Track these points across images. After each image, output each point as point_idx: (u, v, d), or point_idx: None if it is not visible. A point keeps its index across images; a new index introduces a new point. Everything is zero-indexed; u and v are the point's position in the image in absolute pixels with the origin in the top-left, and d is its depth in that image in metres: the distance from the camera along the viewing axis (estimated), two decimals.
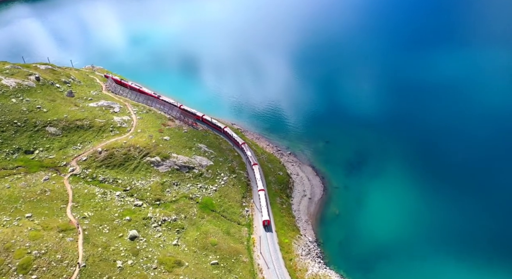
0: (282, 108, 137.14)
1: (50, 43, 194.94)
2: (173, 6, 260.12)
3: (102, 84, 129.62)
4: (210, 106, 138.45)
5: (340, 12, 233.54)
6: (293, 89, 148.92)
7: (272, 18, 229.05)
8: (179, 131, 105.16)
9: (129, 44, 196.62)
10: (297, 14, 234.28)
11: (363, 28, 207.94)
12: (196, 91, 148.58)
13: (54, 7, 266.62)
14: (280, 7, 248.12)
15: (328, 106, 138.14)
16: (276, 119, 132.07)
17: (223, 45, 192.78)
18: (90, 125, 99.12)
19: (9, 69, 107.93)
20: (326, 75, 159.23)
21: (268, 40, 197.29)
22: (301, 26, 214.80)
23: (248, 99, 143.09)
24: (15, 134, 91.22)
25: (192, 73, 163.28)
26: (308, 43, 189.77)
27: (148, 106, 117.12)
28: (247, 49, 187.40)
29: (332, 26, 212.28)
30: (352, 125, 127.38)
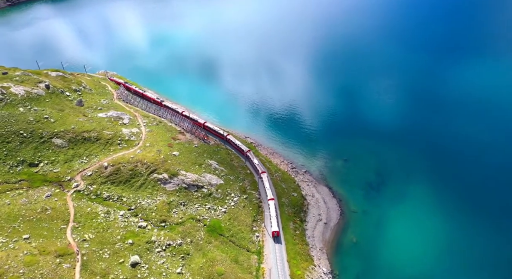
0: (299, 121, 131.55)
1: (66, 47, 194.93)
2: (192, 9, 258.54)
3: (113, 91, 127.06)
4: (224, 117, 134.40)
5: (363, 17, 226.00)
6: (310, 100, 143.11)
7: (291, 23, 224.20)
8: (189, 145, 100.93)
9: (145, 48, 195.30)
10: (315, 19, 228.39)
11: (386, 34, 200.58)
12: (210, 100, 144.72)
13: (74, 8, 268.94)
14: (300, 12, 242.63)
15: (347, 120, 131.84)
16: (292, 132, 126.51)
17: (241, 50, 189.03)
18: (97, 138, 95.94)
19: (19, 76, 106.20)
20: (346, 85, 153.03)
21: (286, 45, 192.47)
22: (320, 31, 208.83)
23: (263, 110, 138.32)
24: (20, 146, 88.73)
25: (207, 81, 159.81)
26: (327, 50, 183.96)
27: (158, 117, 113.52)
28: (265, 55, 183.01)
29: (353, 32, 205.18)
30: (373, 142, 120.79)
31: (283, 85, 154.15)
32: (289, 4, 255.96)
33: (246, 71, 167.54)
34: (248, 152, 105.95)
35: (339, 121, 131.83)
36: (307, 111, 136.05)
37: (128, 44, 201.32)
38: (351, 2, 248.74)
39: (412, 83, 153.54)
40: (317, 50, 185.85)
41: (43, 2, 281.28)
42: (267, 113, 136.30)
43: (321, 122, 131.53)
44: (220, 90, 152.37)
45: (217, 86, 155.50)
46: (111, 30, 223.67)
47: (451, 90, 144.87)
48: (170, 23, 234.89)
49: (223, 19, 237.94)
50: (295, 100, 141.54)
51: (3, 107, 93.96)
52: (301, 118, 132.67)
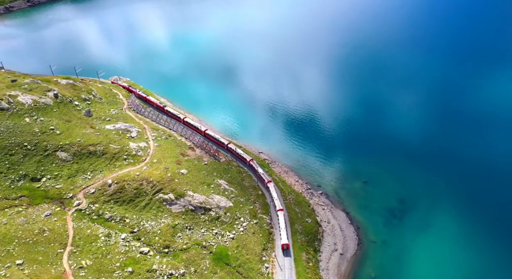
0: (316, 136, 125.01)
1: (81, 50, 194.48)
2: (211, 12, 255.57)
3: (124, 100, 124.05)
4: (237, 130, 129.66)
5: (388, 24, 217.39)
6: (328, 114, 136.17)
7: (312, 28, 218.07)
8: (198, 163, 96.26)
9: (161, 53, 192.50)
10: (338, 26, 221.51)
11: (413, 42, 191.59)
12: (224, 111, 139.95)
13: (91, 9, 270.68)
14: (322, 18, 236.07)
15: (368, 137, 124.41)
16: (308, 149, 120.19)
17: (258, 56, 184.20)
18: (103, 152, 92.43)
19: (28, 84, 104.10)
20: (367, 98, 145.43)
21: (306, 52, 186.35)
22: (342, 38, 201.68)
23: (278, 122, 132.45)
24: (23, 159, 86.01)
25: (222, 89, 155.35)
26: (349, 58, 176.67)
27: (168, 129, 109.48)
28: (283, 63, 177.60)
29: (378, 40, 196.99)
30: (395, 162, 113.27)
31: (300, 96, 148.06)
32: (311, 10, 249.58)
33: (263, 79, 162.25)
34: (251, 161, 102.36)
35: (358, 138, 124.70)
36: (324, 125, 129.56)
37: (144, 48, 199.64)
38: (376, 10, 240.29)
39: (440, 98, 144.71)
40: (338, 59, 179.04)
41: (62, 3, 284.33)
42: (282, 126, 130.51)
43: (339, 138, 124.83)
44: (235, 99, 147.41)
45: (232, 95, 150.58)
46: (128, 33, 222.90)
47: (484, 106, 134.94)
48: (188, 26, 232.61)
49: (242, 22, 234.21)
50: (312, 114, 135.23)
51: (9, 117, 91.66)
52: (318, 133, 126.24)
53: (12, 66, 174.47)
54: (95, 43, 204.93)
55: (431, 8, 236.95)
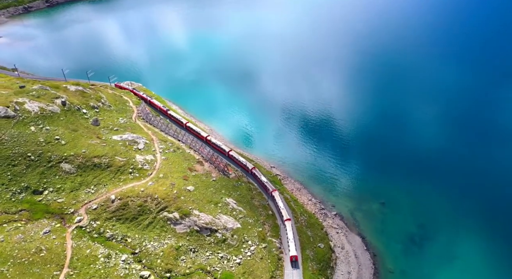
0: (331, 152, 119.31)
1: (95, 52, 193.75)
2: (228, 15, 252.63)
3: (134, 108, 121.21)
4: (249, 141, 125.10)
5: (412, 31, 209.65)
6: (345, 128, 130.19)
7: (333, 33, 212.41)
8: (206, 179, 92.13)
9: (175, 57, 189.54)
10: (359, 32, 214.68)
11: (438, 51, 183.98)
12: (236, 121, 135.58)
13: (108, 11, 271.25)
14: (343, 23, 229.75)
15: (387, 154, 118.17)
16: (323, 165, 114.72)
17: (274, 61, 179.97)
18: (108, 164, 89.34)
19: (36, 91, 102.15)
20: (387, 111, 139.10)
21: (324, 59, 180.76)
22: (363, 45, 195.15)
23: (293, 137, 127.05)
24: (26, 170, 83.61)
25: (235, 97, 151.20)
26: (368, 67, 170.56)
27: (177, 141, 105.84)
28: (300, 69, 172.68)
29: (400, 48, 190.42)
30: (416, 183, 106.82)
31: (316, 106, 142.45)
32: (331, 14, 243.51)
33: (278, 86, 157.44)
34: (254, 169, 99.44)
35: (377, 154, 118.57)
36: (341, 139, 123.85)
37: (159, 51, 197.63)
38: (401, 15, 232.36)
39: (467, 112, 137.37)
40: (356, 66, 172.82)
41: (80, 4, 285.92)
42: (296, 139, 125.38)
43: (356, 153, 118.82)
44: (249, 108, 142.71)
45: (247, 103, 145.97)
46: (143, 36, 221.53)
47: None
48: (204, 29, 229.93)
49: (259, 26, 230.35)
50: (328, 127, 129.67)
51: (14, 125, 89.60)
52: (334, 148, 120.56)
53: (27, 68, 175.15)
54: (109, 46, 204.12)
55: (459, 15, 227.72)
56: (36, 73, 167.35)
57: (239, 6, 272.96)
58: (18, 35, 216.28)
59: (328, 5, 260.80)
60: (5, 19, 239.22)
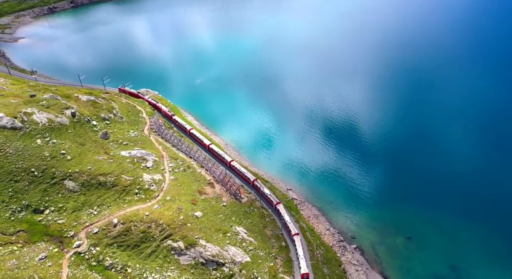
0: (353, 175, 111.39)
1: (113, 56, 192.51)
2: (253, 20, 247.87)
3: (147, 119, 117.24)
4: (266, 159, 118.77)
5: (448, 41, 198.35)
6: (369, 149, 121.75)
7: (363, 43, 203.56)
8: (216, 203, 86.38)
9: (196, 64, 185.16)
10: (391, 41, 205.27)
11: (477, 63, 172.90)
12: (255, 136, 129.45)
13: (132, 13, 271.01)
14: (372, 30, 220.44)
15: (416, 180, 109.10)
16: (344, 190, 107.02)
17: (298, 70, 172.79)
18: (114, 183, 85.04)
19: (47, 100, 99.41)
20: (417, 130, 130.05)
21: (350, 70, 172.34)
22: (395, 57, 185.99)
23: (312, 155, 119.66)
24: (28, 186, 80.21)
25: (254, 108, 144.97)
26: (400, 82, 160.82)
27: (188, 159, 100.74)
28: (324, 80, 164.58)
29: (434, 59, 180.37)
30: (448, 215, 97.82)
31: (340, 125, 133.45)
32: (363, 23, 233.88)
33: (300, 100, 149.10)
34: (256, 181, 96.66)
35: (403, 180, 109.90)
36: (364, 163, 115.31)
37: (178, 57, 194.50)
38: (437, 27, 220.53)
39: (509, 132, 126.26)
40: (384, 80, 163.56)
41: (104, 5, 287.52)
42: (316, 159, 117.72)
43: (381, 178, 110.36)
44: (268, 122, 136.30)
45: (266, 116, 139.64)
46: (163, 40, 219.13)
47: None
48: (227, 33, 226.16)
49: (284, 31, 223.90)
50: (351, 148, 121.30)
51: (20, 137, 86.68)
52: (356, 172, 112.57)
53: (46, 71, 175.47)
54: (129, 49, 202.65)
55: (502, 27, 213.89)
56: (53, 77, 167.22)
57: (265, 11, 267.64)
58: (41, 36, 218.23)
59: (359, 12, 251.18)
60: (30, 19, 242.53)
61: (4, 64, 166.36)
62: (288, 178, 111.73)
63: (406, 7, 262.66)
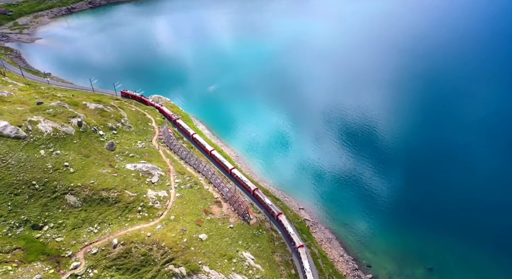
0: (371, 196, 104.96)
1: (127, 61, 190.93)
2: (277, 23, 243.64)
3: (156, 129, 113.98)
4: (279, 173, 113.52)
5: (483, 53, 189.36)
6: (391, 171, 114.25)
7: (385, 50, 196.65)
8: (223, 225, 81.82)
9: (212, 69, 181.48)
10: (418, 48, 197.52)
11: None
12: (268, 148, 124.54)
13: (149, 14, 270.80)
14: (400, 37, 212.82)
15: (440, 206, 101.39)
16: (361, 211, 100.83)
17: (319, 78, 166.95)
18: (116, 199, 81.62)
19: (54, 108, 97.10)
20: (442, 148, 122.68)
21: (373, 80, 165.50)
22: (420, 66, 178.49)
23: (329, 173, 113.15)
24: (28, 200, 77.53)
25: (270, 117, 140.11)
26: (424, 93, 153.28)
27: (196, 174, 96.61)
28: (345, 90, 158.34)
29: (461, 65, 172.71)
30: (475, 246, 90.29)
31: (359, 141, 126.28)
32: (389, 29, 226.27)
33: (319, 111, 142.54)
34: (256, 190, 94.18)
35: (425, 205, 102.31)
36: (384, 183, 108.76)
37: (193, 61, 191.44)
38: (469, 35, 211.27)
39: None
40: (410, 93, 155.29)
41: (122, 6, 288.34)
42: (331, 177, 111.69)
43: (401, 202, 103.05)
44: (281, 133, 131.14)
45: (282, 126, 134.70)
46: (180, 44, 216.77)
47: None
48: (246, 37, 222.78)
49: (306, 35, 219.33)
50: (371, 167, 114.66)
51: (23, 147, 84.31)
52: (375, 192, 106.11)
53: (60, 73, 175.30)
54: (143, 52, 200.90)
55: None
56: (67, 80, 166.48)
57: (285, 14, 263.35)
58: (57, 37, 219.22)
59: (384, 18, 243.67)
60: (48, 20, 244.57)
61: (19, 66, 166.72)
62: (301, 196, 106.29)
63: (434, 14, 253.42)
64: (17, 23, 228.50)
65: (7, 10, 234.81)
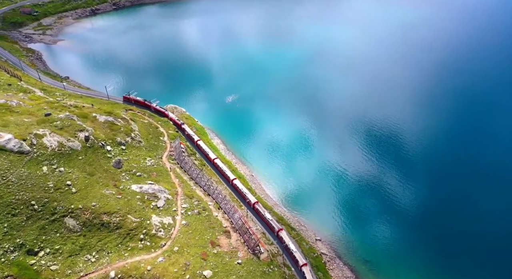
0: (398, 230, 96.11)
1: (145, 66, 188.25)
2: (302, 28, 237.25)
3: (168, 144, 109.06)
4: (297, 199, 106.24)
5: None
6: (422, 198, 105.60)
7: (413, 55, 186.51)
8: (230, 260, 75.38)
9: (234, 77, 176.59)
10: (446, 53, 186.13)
11: None
12: (286, 166, 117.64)
13: (176, 17, 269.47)
14: (444, 48, 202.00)
15: (486, 241, 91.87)
16: (385, 249, 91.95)
17: (346, 92, 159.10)
18: (118, 225, 76.73)
19: (62, 120, 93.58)
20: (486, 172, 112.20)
21: (407, 97, 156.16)
22: (448, 70, 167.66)
23: (351, 201, 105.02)
24: (26, 222, 73.56)
25: (292, 135, 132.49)
26: (467, 119, 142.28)
27: (206, 197, 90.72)
28: (375, 104, 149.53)
29: (499, 78, 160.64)
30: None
31: (389, 168, 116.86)
32: (424, 38, 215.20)
33: (345, 130, 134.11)
34: (256, 204, 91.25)
35: (465, 243, 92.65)
36: (416, 218, 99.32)
37: (215, 69, 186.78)
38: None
39: None
40: (451, 116, 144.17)
41: (147, 7, 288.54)
42: (355, 208, 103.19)
43: (431, 240, 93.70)
44: (305, 155, 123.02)
45: (304, 149, 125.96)
46: (202, 48, 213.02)
47: None
48: (272, 43, 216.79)
49: (334, 41, 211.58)
50: (398, 196, 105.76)
51: (26, 163, 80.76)
52: (402, 227, 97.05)
53: (78, 76, 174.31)
54: (162, 57, 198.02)
55: None
56: (84, 84, 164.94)
57: (313, 20, 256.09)
58: (80, 39, 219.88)
59: (419, 25, 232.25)
60: (72, 21, 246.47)
61: (37, 69, 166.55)
62: (318, 224, 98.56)
63: (474, 22, 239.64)
64: (41, 24, 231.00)
65: (32, 10, 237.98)
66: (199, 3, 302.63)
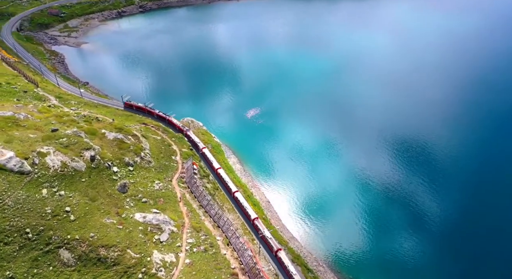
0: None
1: (166, 72, 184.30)
2: (334, 36, 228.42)
3: (180, 164, 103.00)
4: (318, 233, 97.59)
5: None
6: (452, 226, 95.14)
7: (458, 70, 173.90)
8: None
9: (255, 88, 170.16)
10: (498, 71, 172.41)
11: None
12: (309, 196, 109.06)
13: (203, 21, 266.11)
14: (477, 55, 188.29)
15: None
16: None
17: (380, 108, 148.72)
18: (116, 261, 70.80)
19: (68, 137, 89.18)
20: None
21: (442, 111, 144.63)
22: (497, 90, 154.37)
23: (380, 242, 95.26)
24: (18, 252, 68.71)
25: (318, 156, 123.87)
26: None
27: (214, 231, 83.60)
28: (413, 124, 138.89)
29: None
30: None
31: (423, 209, 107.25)
32: (472, 52, 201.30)
33: (377, 158, 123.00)
34: (256, 220, 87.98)
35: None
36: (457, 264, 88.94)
37: (237, 79, 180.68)
38: None
39: None
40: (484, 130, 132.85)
41: (173, 10, 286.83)
42: (381, 251, 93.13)
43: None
44: (329, 183, 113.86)
45: (330, 174, 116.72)
46: (225, 57, 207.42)
47: None
48: (300, 52, 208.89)
49: (369, 51, 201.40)
50: (433, 240, 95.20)
51: (25, 185, 76.34)
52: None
53: (97, 82, 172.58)
54: (184, 65, 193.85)
55: None
56: (102, 91, 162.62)
57: (346, 28, 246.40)
58: (104, 42, 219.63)
59: (468, 37, 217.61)
60: (98, 23, 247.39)
61: (57, 73, 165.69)
62: (338, 267, 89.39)
63: None
64: (67, 26, 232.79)
65: (60, 11, 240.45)
66: (226, 7, 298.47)
